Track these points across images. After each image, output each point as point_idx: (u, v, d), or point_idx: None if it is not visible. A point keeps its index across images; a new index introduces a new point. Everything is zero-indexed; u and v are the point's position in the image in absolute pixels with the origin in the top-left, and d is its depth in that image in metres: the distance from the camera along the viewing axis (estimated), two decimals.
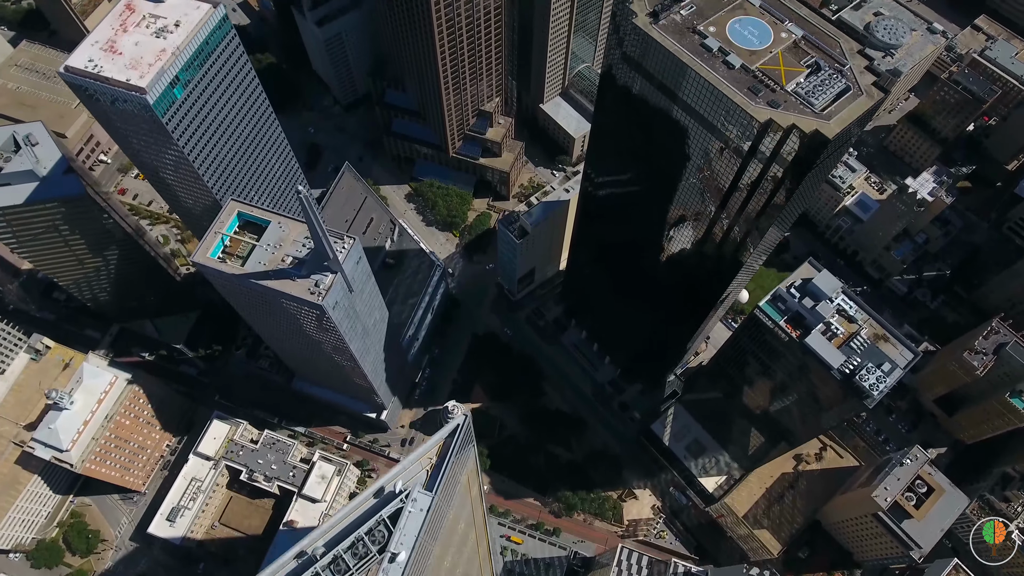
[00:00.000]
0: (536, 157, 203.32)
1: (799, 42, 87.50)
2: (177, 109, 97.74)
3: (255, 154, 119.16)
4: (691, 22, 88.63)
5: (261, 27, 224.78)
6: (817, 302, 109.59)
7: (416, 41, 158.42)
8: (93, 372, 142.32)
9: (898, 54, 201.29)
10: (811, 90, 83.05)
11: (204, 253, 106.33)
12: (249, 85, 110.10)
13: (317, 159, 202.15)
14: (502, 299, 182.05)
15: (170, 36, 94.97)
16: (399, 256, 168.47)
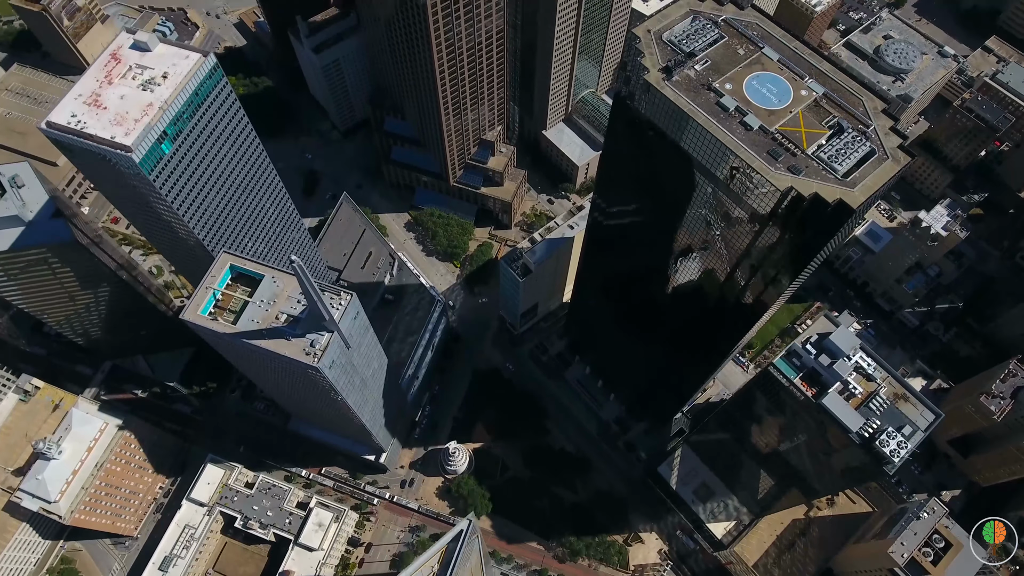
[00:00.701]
0: (539, 184, 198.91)
1: (820, 100, 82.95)
2: (165, 165, 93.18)
3: (249, 200, 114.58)
4: (706, 78, 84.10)
5: (258, 49, 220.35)
6: (834, 360, 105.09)
7: (416, 68, 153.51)
8: (82, 418, 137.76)
9: (908, 79, 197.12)
10: (834, 154, 78.50)
11: (195, 310, 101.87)
12: (242, 132, 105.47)
13: (315, 186, 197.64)
14: (504, 332, 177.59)
15: (157, 89, 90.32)
16: (398, 291, 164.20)
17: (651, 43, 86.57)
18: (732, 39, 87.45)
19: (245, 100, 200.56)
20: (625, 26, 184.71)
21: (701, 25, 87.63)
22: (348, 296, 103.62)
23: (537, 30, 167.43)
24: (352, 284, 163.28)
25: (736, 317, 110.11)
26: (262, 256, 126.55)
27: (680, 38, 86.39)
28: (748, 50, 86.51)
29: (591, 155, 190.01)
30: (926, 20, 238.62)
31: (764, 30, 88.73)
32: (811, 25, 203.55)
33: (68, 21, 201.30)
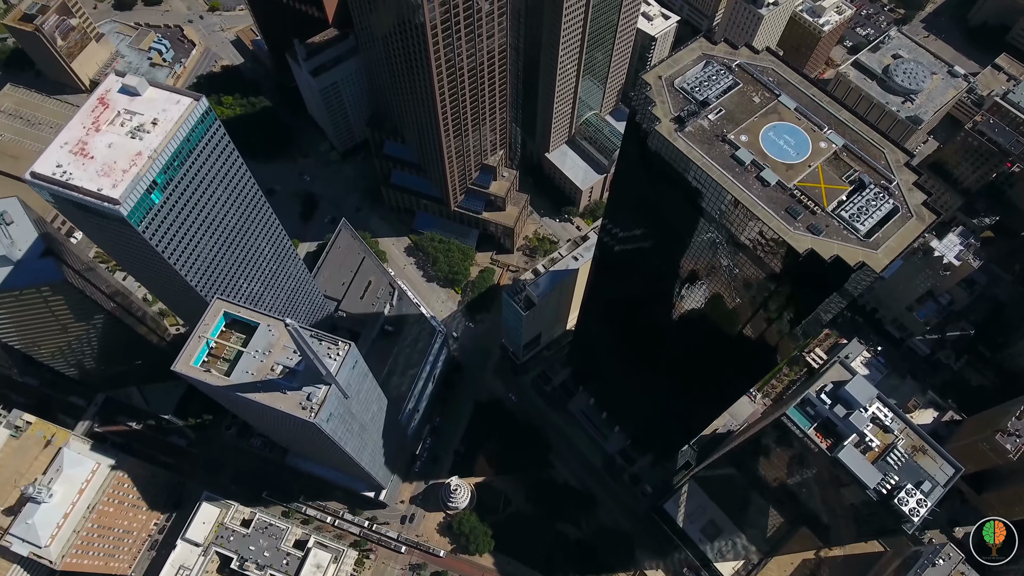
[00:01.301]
0: (541, 207, 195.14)
1: (840, 153, 79.18)
2: (155, 215, 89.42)
3: (244, 241, 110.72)
4: (720, 129, 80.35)
5: (255, 67, 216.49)
6: (850, 411, 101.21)
7: (415, 89, 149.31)
8: (74, 459, 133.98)
9: (918, 100, 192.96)
10: (855, 212, 74.81)
11: (187, 361, 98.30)
12: (236, 174, 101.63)
13: (313, 209, 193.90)
14: (506, 361, 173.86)
15: (147, 136, 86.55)
16: (398, 322, 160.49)
17: (662, 90, 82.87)
18: (747, 86, 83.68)
19: (242, 121, 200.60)
20: (631, 46, 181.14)
21: (714, 71, 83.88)
22: (346, 346, 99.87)
23: (540, 50, 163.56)
24: (351, 315, 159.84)
25: (749, 361, 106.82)
26: (257, 295, 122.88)
27: (693, 85, 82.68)
28: (764, 98, 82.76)
29: (595, 179, 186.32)
30: (934, 36, 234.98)
31: (780, 76, 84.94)
32: (819, 44, 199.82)
33: (62, 41, 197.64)
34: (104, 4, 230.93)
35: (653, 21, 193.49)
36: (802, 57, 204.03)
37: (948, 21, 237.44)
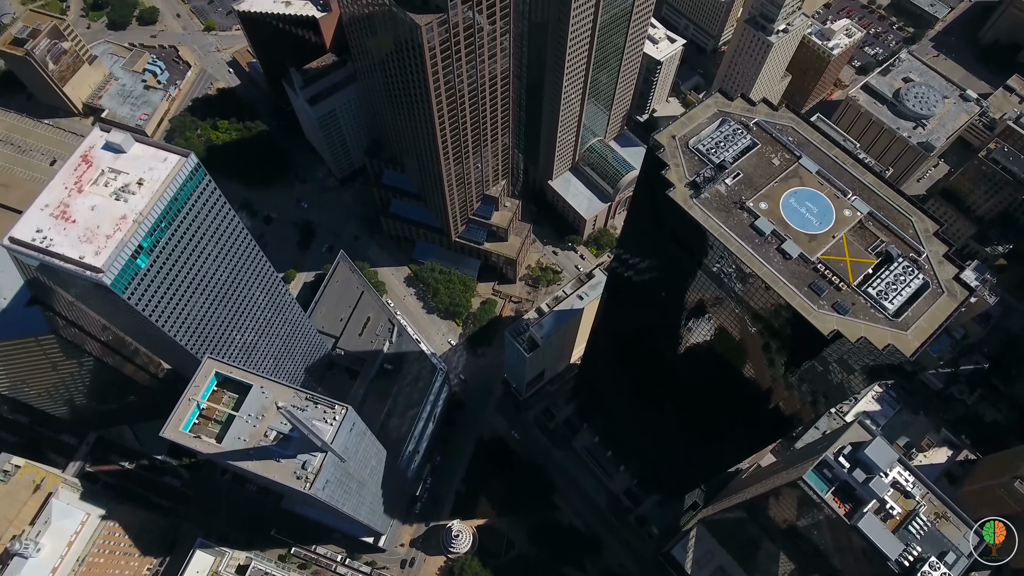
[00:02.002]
0: (544, 236, 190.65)
1: (865, 222, 74.69)
2: (141, 280, 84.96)
3: (237, 294, 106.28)
4: (738, 195, 75.88)
5: (251, 90, 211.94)
6: (870, 476, 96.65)
7: (413, 116, 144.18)
8: (63, 510, 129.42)
9: (930, 124, 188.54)
10: (883, 289, 70.37)
11: (176, 426, 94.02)
12: (228, 229, 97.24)
13: (311, 238, 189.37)
14: (509, 397, 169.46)
15: (131, 198, 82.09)
16: (398, 360, 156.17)
17: (676, 152, 78.43)
18: (766, 146, 79.24)
19: (238, 146, 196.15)
20: (637, 70, 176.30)
21: (731, 130, 79.39)
22: (343, 409, 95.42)
23: (544, 74, 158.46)
24: (349, 352, 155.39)
25: (764, 422, 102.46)
26: (252, 345, 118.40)
27: (709, 146, 78.24)
28: (784, 160, 78.30)
29: (599, 207, 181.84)
30: (944, 56, 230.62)
31: (800, 135, 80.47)
32: (828, 67, 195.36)
33: (53, 65, 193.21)
34: (98, 24, 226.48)
35: (659, 44, 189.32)
36: (810, 80, 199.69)
37: (958, 40, 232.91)
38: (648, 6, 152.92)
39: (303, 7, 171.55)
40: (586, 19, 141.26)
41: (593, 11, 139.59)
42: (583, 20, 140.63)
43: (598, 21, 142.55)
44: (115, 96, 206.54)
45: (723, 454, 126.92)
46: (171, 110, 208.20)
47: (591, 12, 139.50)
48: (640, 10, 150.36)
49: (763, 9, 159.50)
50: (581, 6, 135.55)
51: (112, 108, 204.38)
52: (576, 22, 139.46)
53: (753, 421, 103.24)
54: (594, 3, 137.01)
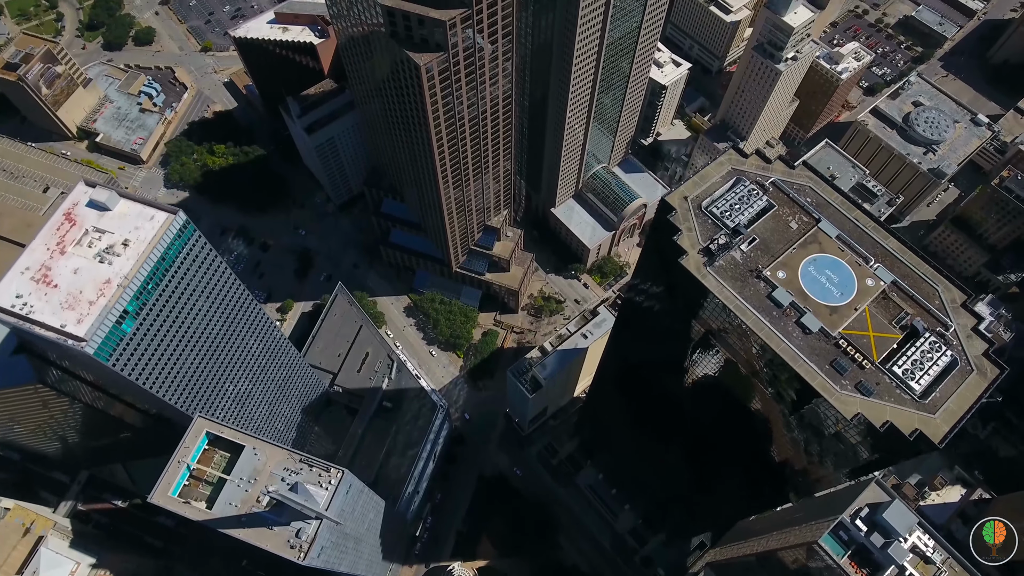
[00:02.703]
0: (547, 264, 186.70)
1: (889, 292, 70.72)
2: (126, 345, 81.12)
3: (229, 347, 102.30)
4: (755, 263, 71.97)
5: (248, 112, 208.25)
6: (889, 540, 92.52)
7: (412, 143, 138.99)
8: (52, 559, 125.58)
9: (941, 150, 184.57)
10: (909, 368, 66.45)
11: (165, 491, 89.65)
12: (219, 284, 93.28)
13: (308, 266, 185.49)
14: (511, 432, 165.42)
15: (116, 260, 78.24)
16: (397, 397, 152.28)
17: (688, 215, 74.54)
18: (783, 208, 75.39)
19: (234, 171, 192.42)
20: (643, 95, 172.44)
21: (746, 191, 75.54)
22: (339, 473, 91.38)
23: (547, 99, 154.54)
24: (347, 390, 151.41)
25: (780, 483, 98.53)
26: (245, 393, 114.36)
27: (723, 209, 74.34)
28: (802, 223, 74.38)
29: (603, 236, 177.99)
30: (953, 76, 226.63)
31: (819, 195, 76.61)
32: (836, 91, 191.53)
33: (47, 89, 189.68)
34: (93, 44, 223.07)
35: (663, 68, 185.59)
36: (818, 104, 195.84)
37: (967, 60, 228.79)
38: (655, 28, 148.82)
39: (300, 33, 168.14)
40: (592, 40, 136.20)
41: (600, 31, 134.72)
42: (589, 41, 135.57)
43: (604, 42, 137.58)
44: (110, 119, 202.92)
45: (735, 500, 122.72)
46: (167, 133, 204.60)
47: (597, 32, 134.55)
48: (647, 33, 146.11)
49: (772, 37, 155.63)
50: (587, 26, 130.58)
51: (107, 132, 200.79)
52: (581, 44, 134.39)
53: (761, 473, 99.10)
54: (600, 24, 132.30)
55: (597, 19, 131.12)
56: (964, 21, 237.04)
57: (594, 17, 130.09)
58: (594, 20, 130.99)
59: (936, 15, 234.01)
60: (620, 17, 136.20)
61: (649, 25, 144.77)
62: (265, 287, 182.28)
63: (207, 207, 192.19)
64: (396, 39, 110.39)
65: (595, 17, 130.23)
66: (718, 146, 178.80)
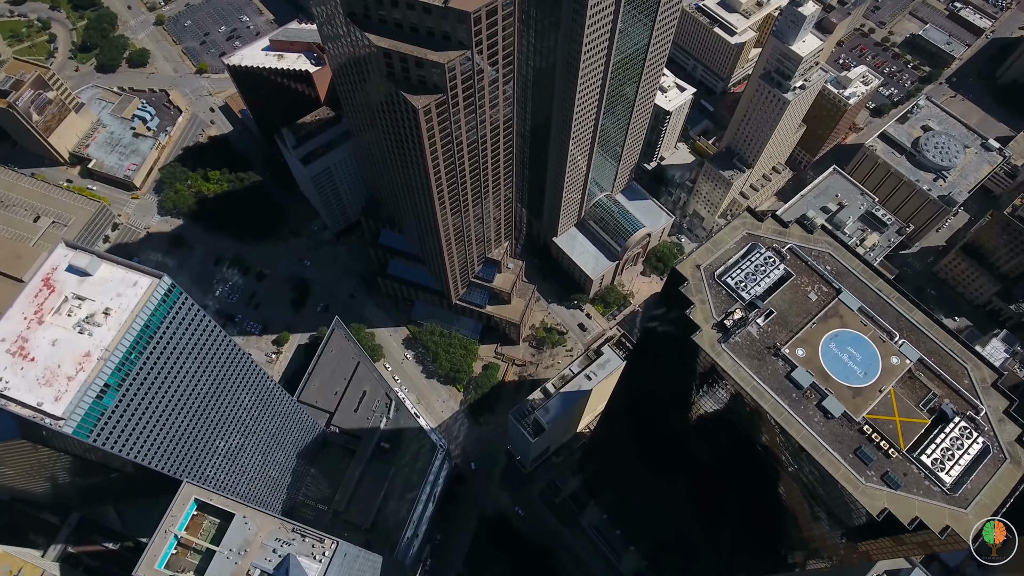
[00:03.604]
0: (549, 293, 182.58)
1: (915, 371, 66.59)
2: (108, 419, 77.00)
3: (219, 404, 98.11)
4: (772, 339, 67.87)
5: (244, 137, 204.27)
6: None
7: (408, 173, 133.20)
8: None
9: (951, 176, 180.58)
10: (938, 457, 62.40)
11: (151, 564, 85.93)
12: (208, 345, 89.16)
13: (305, 296, 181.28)
14: (512, 469, 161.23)
15: (97, 331, 74.18)
16: (396, 437, 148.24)
17: (701, 285, 70.42)
18: (801, 277, 71.27)
19: (230, 198, 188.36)
20: (647, 121, 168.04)
21: (762, 259, 71.45)
22: (332, 544, 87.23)
23: (549, 126, 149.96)
24: (344, 430, 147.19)
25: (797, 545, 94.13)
26: (238, 447, 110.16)
27: (738, 279, 70.26)
28: (822, 294, 70.27)
29: (606, 266, 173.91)
30: (961, 96, 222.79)
31: (839, 262, 72.48)
32: (844, 116, 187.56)
33: (38, 116, 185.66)
34: (86, 66, 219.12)
35: (667, 93, 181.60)
36: (825, 128, 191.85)
37: (976, 80, 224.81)
38: (663, 51, 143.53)
39: (296, 61, 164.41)
40: (597, 63, 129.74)
41: (606, 54, 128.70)
42: (594, 64, 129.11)
43: (610, 64, 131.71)
44: (103, 145, 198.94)
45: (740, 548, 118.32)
46: (161, 159, 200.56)
47: (603, 54, 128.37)
48: (655, 55, 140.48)
49: (779, 66, 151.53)
50: (592, 48, 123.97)
51: (99, 158, 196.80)
52: (587, 66, 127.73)
53: (770, 515, 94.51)
54: (606, 46, 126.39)
55: (603, 40, 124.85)
56: (972, 40, 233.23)
57: (600, 38, 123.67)
58: (600, 41, 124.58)
59: (943, 34, 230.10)
60: (627, 38, 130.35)
61: (656, 47, 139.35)
62: (260, 318, 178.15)
63: (201, 235, 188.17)
64: (392, 80, 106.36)
65: (601, 38, 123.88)
66: (724, 174, 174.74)
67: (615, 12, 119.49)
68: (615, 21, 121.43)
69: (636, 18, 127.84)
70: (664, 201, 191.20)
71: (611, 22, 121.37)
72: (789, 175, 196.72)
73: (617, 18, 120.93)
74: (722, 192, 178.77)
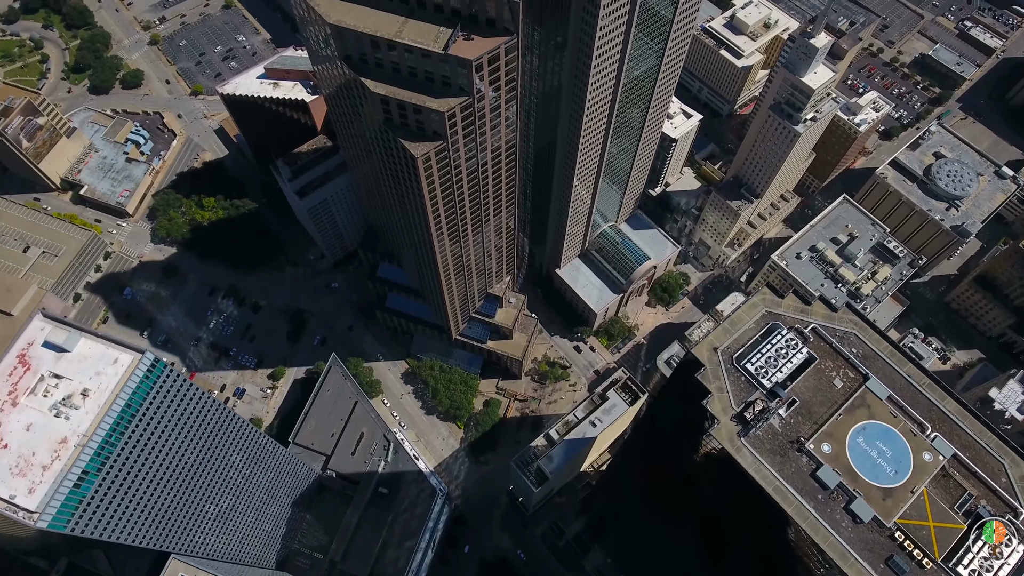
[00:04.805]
0: (552, 325, 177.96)
1: (949, 468, 62.08)
2: (87, 507, 72.38)
3: (208, 470, 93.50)
4: (795, 431, 63.38)
5: (239, 161, 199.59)
6: None
7: (404, 204, 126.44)
8: None
9: (964, 206, 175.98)
10: (976, 569, 57.68)
11: None
12: (195, 413, 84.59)
13: (302, 328, 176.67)
14: (514, 510, 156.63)
15: (74, 414, 69.73)
16: (394, 482, 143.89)
17: (719, 371, 65.91)
18: (825, 361, 66.79)
19: (225, 226, 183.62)
20: (655, 149, 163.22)
21: (783, 341, 66.87)
22: None
23: (553, 153, 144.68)
24: (341, 475, 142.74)
25: None
26: (229, 508, 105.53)
27: (758, 364, 65.75)
28: (848, 380, 65.79)
29: (610, 299, 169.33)
30: (972, 119, 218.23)
31: (865, 344, 67.98)
32: (854, 143, 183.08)
33: (28, 143, 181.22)
34: (79, 87, 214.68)
35: (673, 120, 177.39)
36: (835, 155, 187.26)
37: (987, 101, 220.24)
38: (673, 76, 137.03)
39: (292, 90, 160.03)
40: (606, 86, 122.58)
41: (615, 76, 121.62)
42: (603, 87, 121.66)
43: (619, 89, 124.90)
44: (95, 170, 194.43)
45: None
46: (155, 184, 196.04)
47: (612, 76, 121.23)
48: (665, 80, 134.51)
49: (790, 97, 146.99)
50: (601, 69, 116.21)
51: (91, 183, 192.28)
52: (595, 90, 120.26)
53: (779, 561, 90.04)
54: (616, 68, 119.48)
55: (612, 62, 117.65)
56: (982, 59, 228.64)
57: (609, 60, 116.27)
58: (609, 63, 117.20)
59: (954, 54, 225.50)
60: (637, 62, 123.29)
61: (667, 71, 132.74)
62: (256, 351, 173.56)
63: (196, 264, 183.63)
64: (390, 126, 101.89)
65: (610, 60, 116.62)
66: (731, 204, 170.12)
67: (625, 33, 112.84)
68: (625, 42, 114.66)
69: (647, 43, 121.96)
70: (669, 229, 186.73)
71: (621, 43, 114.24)
72: (797, 201, 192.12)
73: (628, 39, 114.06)
74: (729, 222, 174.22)
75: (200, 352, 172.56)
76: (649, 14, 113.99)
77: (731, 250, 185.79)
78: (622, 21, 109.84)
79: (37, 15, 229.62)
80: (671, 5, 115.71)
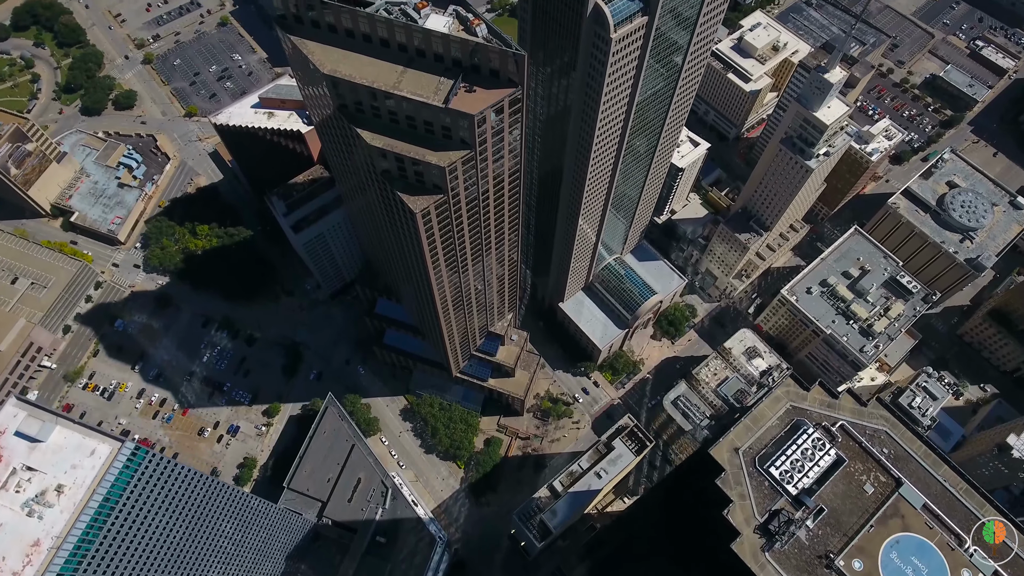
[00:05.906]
0: (554, 359, 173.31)
1: None
2: None
3: (197, 544, 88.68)
4: (823, 545, 58.70)
5: (234, 187, 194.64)
6: None
7: (399, 238, 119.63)
8: None
9: (979, 237, 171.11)
10: None
11: None
12: (182, 495, 79.82)
13: (298, 362, 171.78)
14: (516, 555, 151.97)
15: (48, 512, 65.04)
16: (392, 530, 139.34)
17: (741, 475, 61.21)
18: (855, 463, 62.16)
19: (219, 255, 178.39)
20: (663, 179, 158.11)
21: (810, 441, 62.22)
22: None
23: (559, 181, 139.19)
24: (337, 522, 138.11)
25: None
26: (224, 552, 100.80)
27: (783, 468, 61.10)
28: (879, 485, 61.16)
29: (615, 334, 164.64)
30: (984, 142, 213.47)
31: (898, 444, 63.33)
32: (866, 172, 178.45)
33: (16, 169, 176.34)
34: (71, 108, 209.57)
35: (680, 148, 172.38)
36: (846, 183, 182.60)
37: (999, 125, 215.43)
38: (686, 104, 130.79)
39: (287, 120, 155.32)
40: (617, 114, 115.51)
41: (626, 105, 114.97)
42: (614, 115, 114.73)
43: (631, 116, 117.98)
44: (86, 196, 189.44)
45: None
46: (147, 210, 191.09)
47: (624, 105, 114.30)
48: (677, 107, 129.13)
49: (802, 132, 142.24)
50: (613, 93, 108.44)
51: (82, 210, 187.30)
52: (604, 119, 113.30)
53: None
54: (627, 100, 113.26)
55: (625, 89, 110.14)
56: (994, 80, 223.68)
57: (621, 88, 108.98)
58: (621, 90, 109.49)
59: (965, 75, 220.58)
60: (649, 87, 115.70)
61: (680, 98, 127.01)
62: (250, 386, 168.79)
63: (189, 294, 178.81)
64: (388, 178, 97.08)
65: (623, 87, 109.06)
66: (740, 237, 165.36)
67: (639, 59, 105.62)
68: (639, 68, 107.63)
69: (658, 71, 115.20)
70: (675, 258, 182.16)
71: (635, 68, 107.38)
72: (806, 230, 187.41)
73: (642, 65, 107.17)
74: (738, 255, 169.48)
75: (193, 387, 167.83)
76: (663, 41, 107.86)
77: (739, 281, 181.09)
78: (636, 47, 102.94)
79: (28, 32, 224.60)
80: (686, 32, 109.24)
